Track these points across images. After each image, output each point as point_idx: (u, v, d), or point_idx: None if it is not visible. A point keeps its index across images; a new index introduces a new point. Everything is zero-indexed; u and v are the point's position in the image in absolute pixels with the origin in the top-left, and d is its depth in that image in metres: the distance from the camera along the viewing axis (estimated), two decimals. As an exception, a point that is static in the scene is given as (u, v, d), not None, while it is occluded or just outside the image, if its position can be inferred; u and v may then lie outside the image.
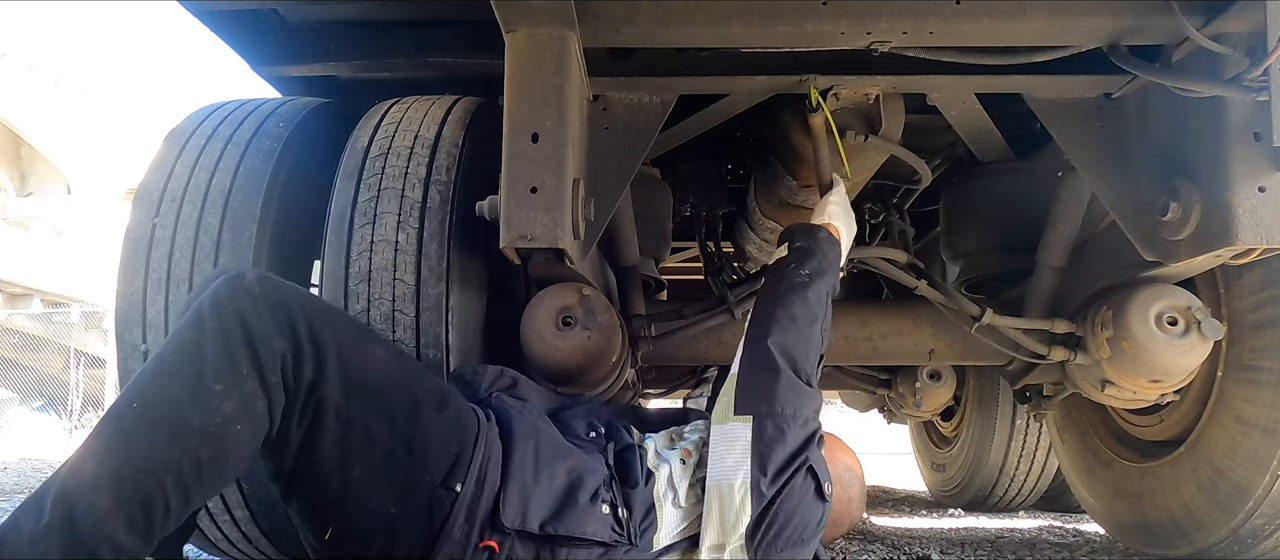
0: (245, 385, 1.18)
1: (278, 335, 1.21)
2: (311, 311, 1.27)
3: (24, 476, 5.60)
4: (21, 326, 13.59)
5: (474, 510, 1.32)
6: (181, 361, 1.18)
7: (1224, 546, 2.27)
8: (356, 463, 1.27)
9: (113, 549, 1.09)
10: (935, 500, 4.79)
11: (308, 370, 1.23)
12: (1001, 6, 1.76)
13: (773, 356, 1.57)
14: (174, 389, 1.16)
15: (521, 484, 1.38)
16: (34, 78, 13.87)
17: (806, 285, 1.70)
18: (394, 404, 1.31)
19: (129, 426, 1.14)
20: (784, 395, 1.53)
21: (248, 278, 1.25)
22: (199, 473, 1.14)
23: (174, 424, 1.14)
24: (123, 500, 1.09)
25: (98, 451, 1.12)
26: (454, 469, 1.33)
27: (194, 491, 1.15)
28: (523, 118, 1.67)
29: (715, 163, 2.93)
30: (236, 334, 1.19)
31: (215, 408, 1.15)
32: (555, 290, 1.93)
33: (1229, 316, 2.30)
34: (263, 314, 1.21)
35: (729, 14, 1.77)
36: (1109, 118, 2.04)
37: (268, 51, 2.38)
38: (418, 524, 1.30)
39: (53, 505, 1.08)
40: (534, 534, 1.36)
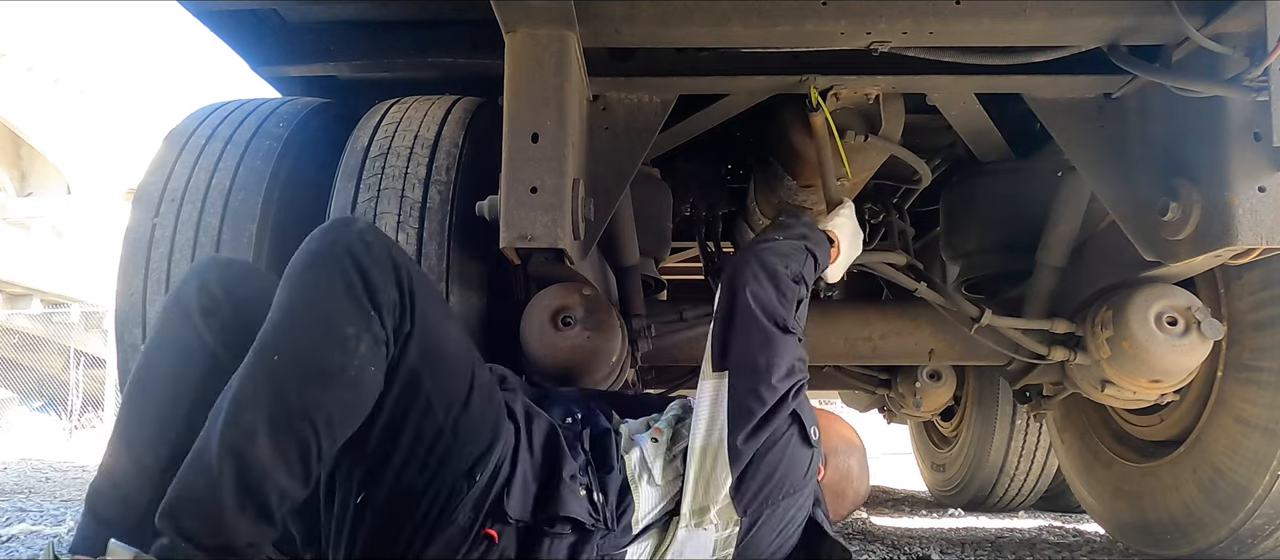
0: (372, 327, 1.20)
1: (390, 284, 1.23)
2: (413, 269, 1.28)
3: (24, 476, 5.60)
4: (21, 326, 13.59)
5: (481, 501, 1.33)
6: (309, 307, 1.20)
7: (1224, 546, 2.27)
8: (409, 429, 1.28)
9: (278, 494, 1.15)
10: (935, 500, 4.79)
11: (407, 325, 1.25)
12: (1001, 6, 1.76)
13: (746, 307, 1.55)
14: (310, 334, 1.19)
15: (524, 478, 1.40)
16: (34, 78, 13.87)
17: (777, 240, 1.68)
18: (455, 384, 1.32)
19: (278, 374, 1.17)
20: (758, 346, 1.52)
21: (358, 224, 1.27)
22: (344, 414, 1.19)
23: (320, 370, 1.17)
24: (281, 448, 1.14)
25: (253, 399, 1.16)
26: (479, 461, 1.34)
27: (339, 432, 1.19)
28: (523, 118, 1.67)
29: (715, 163, 2.93)
30: (356, 279, 1.20)
31: (352, 349, 1.18)
32: (555, 290, 1.93)
33: (1229, 316, 2.30)
34: (378, 260, 1.23)
35: (729, 14, 1.77)
36: (1109, 118, 2.04)
37: (267, 51, 2.38)
38: (433, 506, 1.31)
39: (219, 458, 1.13)
40: (526, 522, 1.38)
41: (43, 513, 3.49)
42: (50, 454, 8.42)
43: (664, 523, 1.51)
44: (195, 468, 1.15)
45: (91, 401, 13.57)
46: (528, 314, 1.93)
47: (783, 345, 1.53)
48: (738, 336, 1.54)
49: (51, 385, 13.94)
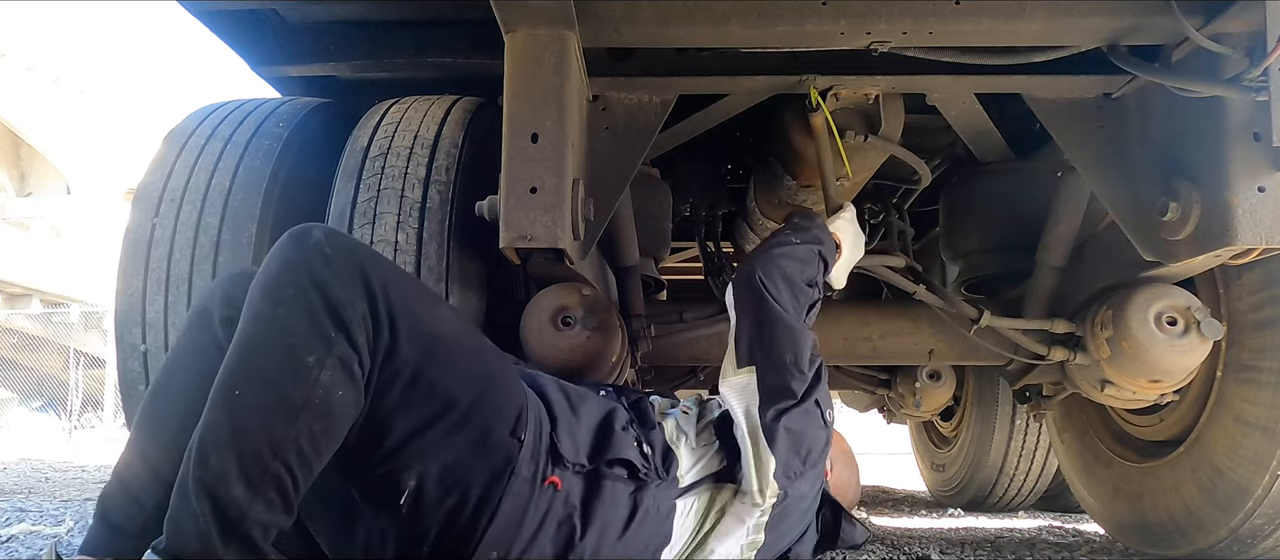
0: (336, 349, 1.18)
1: (358, 298, 1.21)
2: (383, 270, 1.27)
3: (24, 476, 5.60)
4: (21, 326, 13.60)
5: (536, 452, 1.39)
6: (270, 338, 1.18)
7: (1224, 546, 2.27)
8: (440, 420, 1.29)
9: (262, 529, 1.15)
10: (935, 500, 4.79)
11: (385, 334, 1.23)
12: (1001, 6, 1.76)
13: (766, 303, 1.65)
14: (272, 369, 1.17)
15: (567, 424, 1.47)
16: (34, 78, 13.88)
17: (794, 243, 1.78)
18: (465, 363, 1.34)
19: (239, 415, 1.16)
20: (784, 343, 1.62)
21: (315, 234, 1.24)
22: (315, 444, 1.18)
23: (280, 406, 1.16)
24: (255, 486, 1.14)
25: (216, 441, 1.15)
26: (520, 418, 1.38)
27: (314, 462, 1.19)
28: (523, 118, 1.67)
29: (715, 163, 2.93)
30: (317, 301, 1.18)
31: (315, 380, 1.16)
32: (555, 290, 1.93)
33: (1228, 316, 2.30)
34: (339, 275, 1.21)
35: (729, 14, 1.77)
36: (1109, 118, 2.04)
37: (267, 51, 2.38)
38: (491, 472, 1.34)
39: (198, 503, 1.13)
40: (585, 466, 1.45)
41: (42, 513, 3.48)
42: (50, 454, 8.42)
43: (709, 485, 1.60)
44: (182, 511, 1.15)
45: (91, 401, 13.58)
46: (527, 314, 1.93)
47: (805, 336, 1.65)
48: (764, 335, 1.64)
49: (51, 385, 13.95)
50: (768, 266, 1.71)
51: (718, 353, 2.57)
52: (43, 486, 4.84)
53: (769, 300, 1.65)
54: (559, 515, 1.40)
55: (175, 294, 1.88)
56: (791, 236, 1.81)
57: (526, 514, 1.36)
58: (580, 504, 1.43)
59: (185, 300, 1.88)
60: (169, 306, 1.88)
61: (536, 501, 1.37)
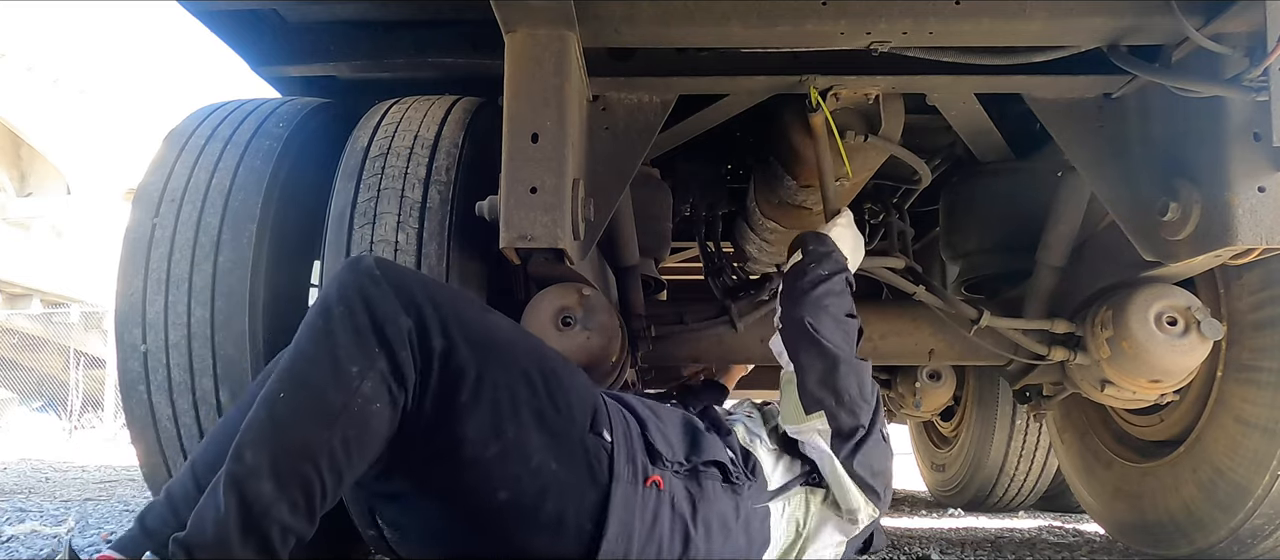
0: (378, 364, 1.22)
1: (402, 313, 1.25)
2: (431, 287, 1.31)
3: (24, 476, 5.60)
4: (21, 326, 13.60)
5: (631, 451, 1.39)
6: (317, 348, 1.23)
7: (1224, 546, 2.27)
8: (509, 424, 1.29)
9: (281, 531, 1.17)
10: (935, 500, 4.79)
11: (437, 341, 1.26)
12: (1001, 6, 1.76)
13: (822, 346, 1.67)
14: (314, 374, 1.21)
15: (656, 425, 1.49)
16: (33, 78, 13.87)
17: (829, 279, 1.79)
18: (527, 364, 1.35)
19: (279, 414, 1.20)
20: (844, 380, 1.64)
21: (366, 261, 1.29)
22: (347, 452, 1.20)
23: (320, 409, 1.19)
24: (283, 485, 1.16)
25: (255, 440, 1.19)
26: (597, 417, 1.39)
27: (345, 470, 1.21)
28: (523, 118, 1.66)
29: (715, 163, 2.93)
30: (363, 317, 1.23)
31: (355, 389, 1.20)
32: (555, 290, 1.93)
33: (1229, 316, 2.30)
34: (385, 294, 1.25)
35: (729, 14, 1.77)
36: (1109, 118, 2.04)
37: (268, 51, 2.38)
38: (583, 475, 1.34)
39: (225, 495, 1.16)
40: (684, 465, 1.46)
41: (43, 513, 3.49)
42: (50, 454, 8.42)
43: (800, 488, 1.63)
44: (208, 503, 1.18)
45: (91, 402, 13.57)
46: (527, 314, 1.93)
47: (864, 369, 1.69)
48: (829, 380, 1.65)
49: (51, 385, 13.95)
50: (815, 312, 1.72)
51: (718, 353, 2.58)
52: (43, 487, 4.84)
53: (827, 347, 1.67)
54: (669, 516, 1.41)
55: (175, 294, 1.88)
56: (818, 269, 1.81)
57: (636, 516, 1.37)
58: (688, 504, 1.44)
59: (185, 300, 1.88)
60: (169, 306, 1.88)
61: (644, 502, 1.38)
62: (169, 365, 1.87)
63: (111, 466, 6.65)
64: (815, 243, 1.90)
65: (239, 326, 1.85)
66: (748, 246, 3.35)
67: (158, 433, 1.92)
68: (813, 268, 1.82)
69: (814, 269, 1.82)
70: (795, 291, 1.79)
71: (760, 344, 2.53)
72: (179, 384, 1.88)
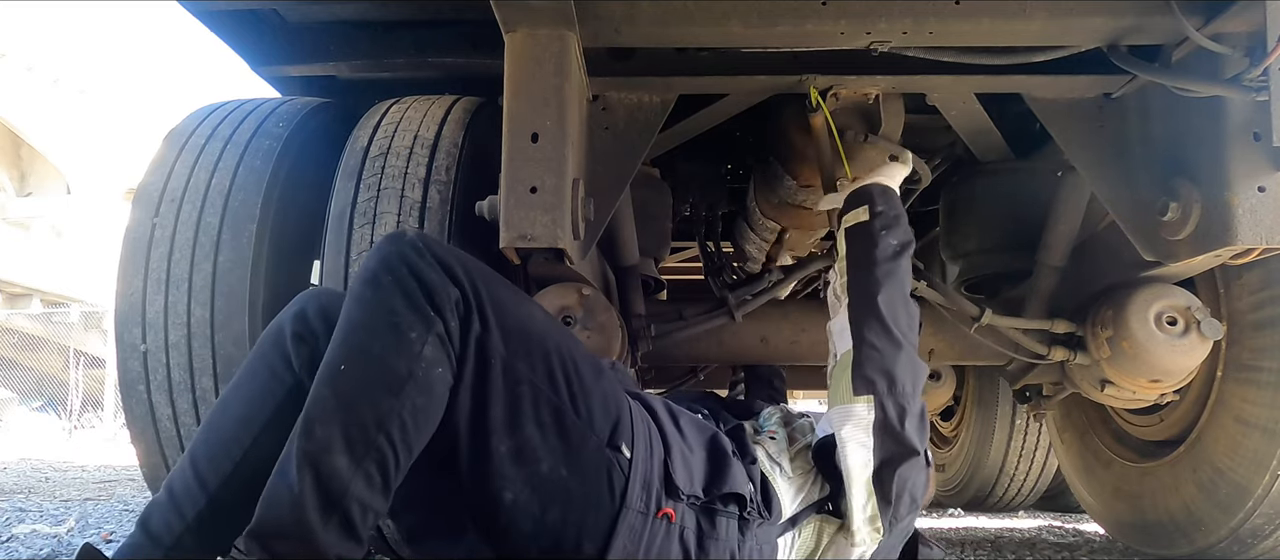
0: (435, 328, 1.19)
1: (449, 284, 1.22)
2: (473, 266, 1.27)
3: (24, 476, 5.60)
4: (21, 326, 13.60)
5: (648, 478, 1.32)
6: (372, 316, 1.20)
7: (1224, 546, 2.27)
8: (528, 421, 1.25)
9: (361, 507, 1.12)
10: (935, 500, 4.79)
11: (475, 322, 1.22)
12: (1001, 6, 1.76)
13: (890, 330, 1.53)
14: (374, 343, 1.18)
15: (681, 451, 1.39)
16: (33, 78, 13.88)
17: (900, 254, 1.62)
18: (554, 361, 1.29)
19: (344, 387, 1.16)
20: (903, 370, 1.50)
21: (409, 235, 1.26)
22: (417, 420, 1.17)
23: (386, 378, 1.16)
24: (358, 458, 1.12)
25: (322, 413, 1.14)
26: (618, 430, 1.31)
27: (414, 440, 1.17)
28: (523, 118, 1.66)
29: (715, 163, 2.93)
30: (412, 285, 1.20)
31: (418, 354, 1.17)
32: (555, 290, 1.93)
33: (1229, 316, 2.30)
34: (432, 264, 1.22)
35: (729, 14, 1.77)
36: (1109, 118, 2.04)
37: (268, 51, 2.38)
38: (594, 490, 1.28)
39: (299, 475, 1.11)
40: (700, 499, 1.37)
41: (43, 512, 3.49)
42: (50, 454, 8.42)
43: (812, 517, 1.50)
44: (278, 487, 1.13)
45: (91, 401, 13.56)
46: (528, 314, 1.92)
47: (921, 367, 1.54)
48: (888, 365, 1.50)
49: (51, 385, 13.94)
50: (891, 289, 1.56)
51: (718, 352, 2.58)
52: (43, 486, 4.84)
53: (895, 333, 1.52)
54: (676, 552, 1.33)
55: (175, 294, 1.88)
56: (890, 237, 1.63)
57: (641, 547, 1.30)
58: (695, 539, 1.35)
59: (185, 300, 1.88)
60: (169, 306, 1.88)
61: (651, 534, 1.31)
62: (169, 365, 1.88)
63: (111, 466, 6.65)
64: (884, 203, 1.70)
65: (239, 326, 1.85)
66: (747, 246, 3.35)
67: (158, 432, 1.92)
68: (884, 235, 1.63)
69: (885, 237, 1.63)
70: (868, 262, 1.60)
71: (760, 343, 2.53)
72: (179, 383, 1.88)
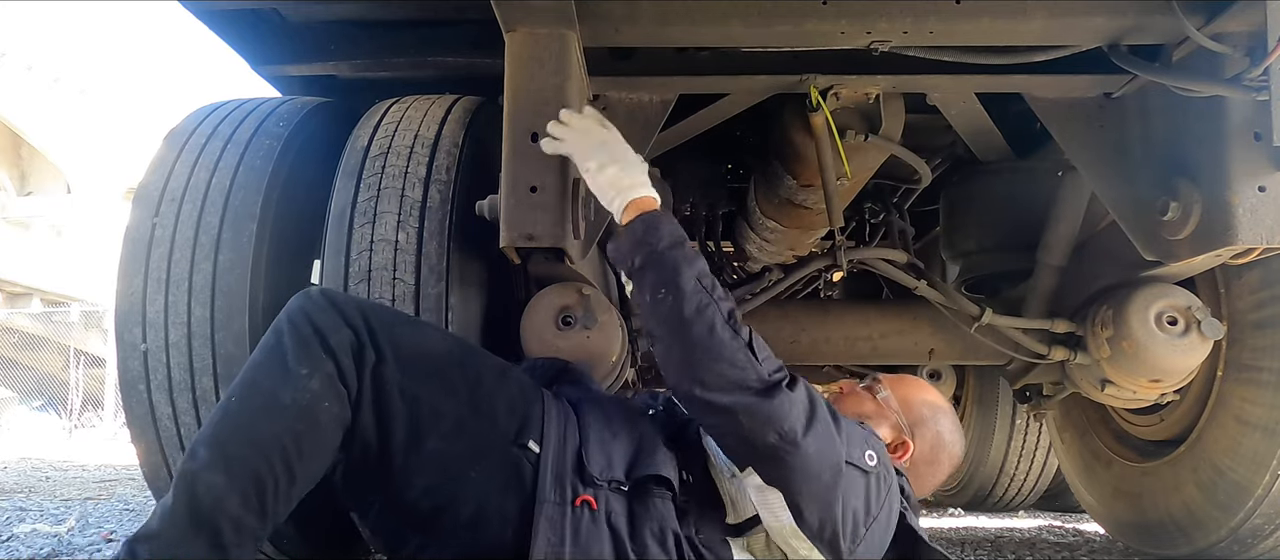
0: (325, 366, 1.28)
1: (342, 326, 1.32)
2: (369, 307, 1.38)
3: (24, 476, 5.59)
4: (21, 326, 13.60)
5: (560, 468, 1.35)
6: (267, 357, 1.31)
7: (1224, 546, 2.27)
8: (429, 435, 1.32)
9: (233, 525, 1.20)
10: (935, 500, 4.79)
11: (370, 354, 1.31)
12: (1001, 6, 1.76)
13: (714, 405, 1.34)
14: (265, 379, 1.29)
15: (600, 438, 1.41)
16: (33, 77, 13.87)
17: (671, 304, 1.37)
18: (453, 375, 1.38)
19: (232, 412, 1.27)
20: (755, 428, 1.32)
21: (312, 291, 1.38)
22: (298, 447, 1.24)
23: (269, 405, 1.25)
24: (235, 477, 1.21)
25: (208, 437, 1.25)
26: (525, 427, 1.37)
27: (296, 468, 1.25)
28: (523, 118, 1.66)
29: (715, 162, 2.93)
30: (307, 330, 1.30)
31: (303, 386, 1.26)
32: (555, 290, 1.93)
33: (1229, 316, 2.30)
34: (326, 309, 1.33)
35: (729, 13, 1.77)
36: (1109, 117, 2.04)
37: (268, 51, 2.38)
38: (503, 486, 1.33)
39: (175, 488, 1.21)
40: (623, 485, 1.37)
41: (43, 512, 3.49)
42: (50, 453, 8.42)
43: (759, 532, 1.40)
44: (162, 501, 1.23)
45: (91, 401, 13.56)
46: (528, 314, 1.92)
47: (776, 402, 1.32)
48: (733, 431, 1.35)
49: (51, 385, 13.93)
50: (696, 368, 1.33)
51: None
52: (43, 486, 4.84)
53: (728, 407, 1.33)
54: (606, 536, 1.32)
55: (175, 293, 1.88)
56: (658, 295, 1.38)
57: (566, 536, 1.31)
58: (626, 523, 1.34)
59: (185, 300, 1.88)
60: (169, 306, 1.88)
61: (573, 522, 1.32)
62: (169, 364, 1.87)
63: (112, 465, 6.65)
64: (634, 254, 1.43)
65: (239, 326, 1.85)
66: (748, 246, 3.35)
67: (158, 432, 1.92)
68: (649, 300, 1.40)
69: (650, 302, 1.39)
70: (650, 333, 1.42)
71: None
72: (179, 383, 1.87)
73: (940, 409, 1.73)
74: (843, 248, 2.28)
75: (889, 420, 1.68)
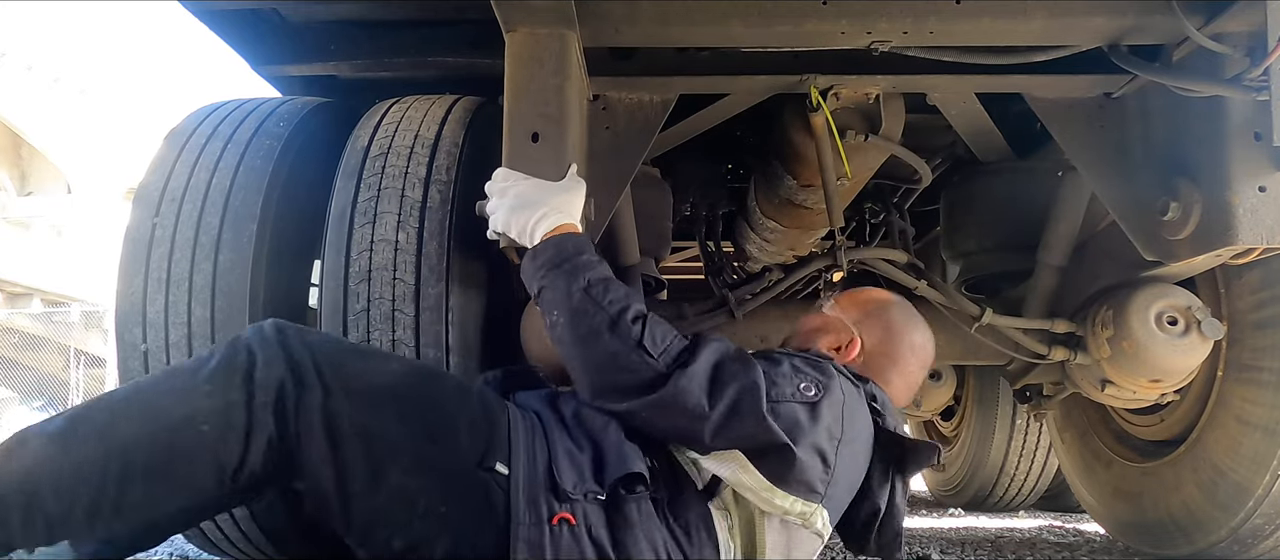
0: (231, 395, 1.24)
1: (279, 362, 1.27)
2: (318, 342, 1.33)
3: (24, 476, 5.58)
4: (21, 326, 13.59)
5: (532, 488, 1.29)
6: (188, 365, 1.31)
7: (1224, 546, 2.27)
8: (390, 470, 1.27)
9: (25, 503, 1.15)
10: (935, 500, 4.79)
11: (315, 394, 1.26)
12: (1002, 6, 1.76)
13: (618, 413, 1.40)
14: (168, 380, 1.29)
15: (568, 450, 1.35)
16: (33, 77, 13.87)
17: (563, 324, 1.43)
18: (408, 404, 1.32)
19: (114, 398, 1.28)
20: (663, 418, 1.37)
21: (266, 324, 1.34)
22: (149, 461, 1.21)
23: (148, 409, 1.25)
24: (64, 460, 1.18)
25: (78, 411, 1.26)
26: (490, 450, 1.31)
27: (135, 482, 1.20)
28: (523, 118, 1.66)
29: (715, 163, 2.93)
30: (242, 357, 1.27)
31: (193, 403, 1.23)
32: (555, 290, 1.92)
33: (1229, 316, 2.30)
34: (268, 342, 1.29)
35: (729, 13, 1.77)
36: (1109, 117, 2.04)
37: (268, 51, 2.38)
38: (476, 516, 1.28)
39: (7, 440, 1.21)
40: (599, 494, 1.32)
41: (43, 512, 3.48)
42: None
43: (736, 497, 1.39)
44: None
45: (91, 401, 13.53)
46: (528, 314, 1.93)
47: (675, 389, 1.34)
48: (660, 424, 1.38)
49: (51, 385, 13.92)
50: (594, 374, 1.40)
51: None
52: (43, 486, 4.83)
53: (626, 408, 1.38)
54: (589, 552, 1.29)
55: (176, 294, 1.88)
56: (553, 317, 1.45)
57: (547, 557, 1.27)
58: (608, 535, 1.30)
59: (186, 300, 1.88)
60: (169, 306, 1.88)
61: (554, 542, 1.27)
62: (169, 364, 1.88)
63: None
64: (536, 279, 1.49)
65: (239, 326, 1.85)
66: (748, 246, 3.35)
67: (158, 432, 1.92)
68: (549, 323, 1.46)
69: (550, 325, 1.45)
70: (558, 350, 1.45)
71: (759, 342, 2.52)
72: (179, 383, 1.87)
73: (888, 302, 1.77)
74: (843, 248, 2.28)
75: (834, 327, 1.72)
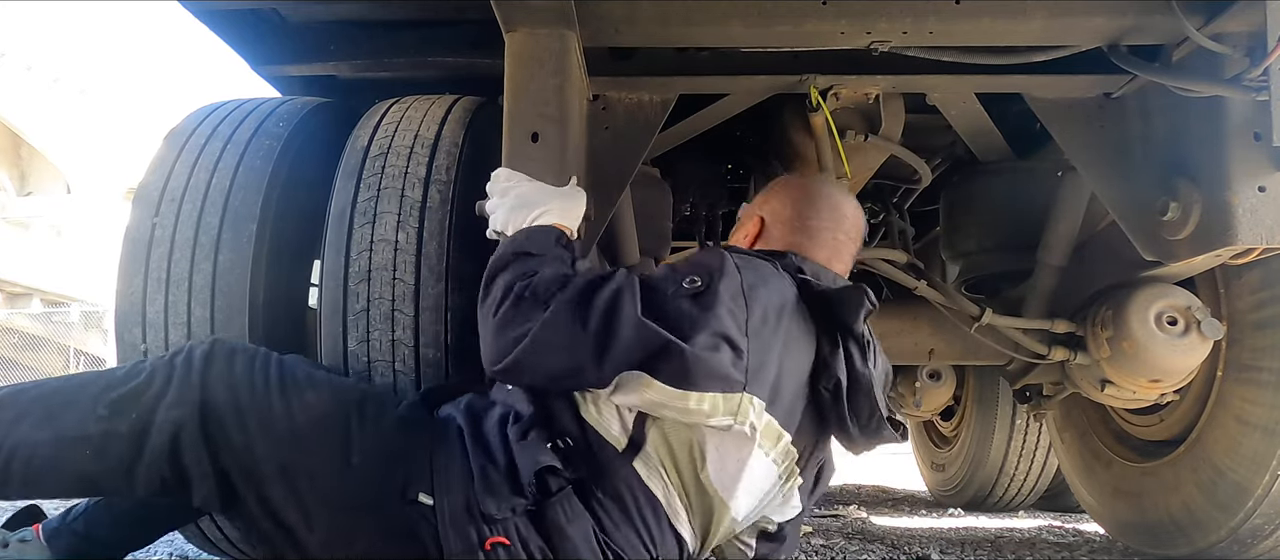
0: (120, 425, 1.30)
1: (188, 403, 1.31)
2: (242, 378, 1.35)
3: (24, 476, 5.58)
4: (21, 326, 13.59)
5: (458, 518, 1.26)
6: (107, 377, 1.36)
7: (1223, 546, 2.27)
8: (318, 509, 1.28)
9: None
10: (935, 500, 4.79)
11: (234, 434, 1.30)
12: (1001, 6, 1.76)
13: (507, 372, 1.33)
14: (90, 385, 1.35)
15: (486, 471, 1.29)
16: (33, 77, 13.88)
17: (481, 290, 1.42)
18: (326, 441, 1.33)
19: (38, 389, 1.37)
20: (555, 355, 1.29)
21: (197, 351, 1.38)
22: (32, 465, 1.30)
23: (52, 411, 1.32)
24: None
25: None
26: (411, 478, 1.29)
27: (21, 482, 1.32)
28: (523, 118, 1.66)
29: (715, 162, 2.93)
30: (153, 388, 1.32)
31: (86, 426, 1.30)
32: (555, 290, 1.92)
33: (1229, 316, 2.30)
34: (188, 375, 1.33)
35: (729, 14, 1.77)
36: (1109, 117, 2.04)
37: (268, 51, 2.38)
38: (410, 548, 1.26)
39: None
40: (522, 502, 1.27)
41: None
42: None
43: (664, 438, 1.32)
44: None
45: (91, 401, 13.54)
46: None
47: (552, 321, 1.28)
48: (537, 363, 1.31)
49: (51, 385, 13.91)
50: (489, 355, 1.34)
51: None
52: (43, 486, 4.83)
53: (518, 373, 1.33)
54: None
55: (175, 293, 1.88)
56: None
57: None
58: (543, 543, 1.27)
59: (185, 300, 1.88)
60: (169, 306, 1.88)
61: None
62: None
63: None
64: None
65: (239, 326, 1.85)
66: (748, 246, 3.34)
67: (158, 432, 1.92)
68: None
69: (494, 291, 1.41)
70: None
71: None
72: (179, 383, 1.88)
73: (795, 178, 1.77)
74: (842, 248, 2.27)
75: (739, 221, 1.72)
